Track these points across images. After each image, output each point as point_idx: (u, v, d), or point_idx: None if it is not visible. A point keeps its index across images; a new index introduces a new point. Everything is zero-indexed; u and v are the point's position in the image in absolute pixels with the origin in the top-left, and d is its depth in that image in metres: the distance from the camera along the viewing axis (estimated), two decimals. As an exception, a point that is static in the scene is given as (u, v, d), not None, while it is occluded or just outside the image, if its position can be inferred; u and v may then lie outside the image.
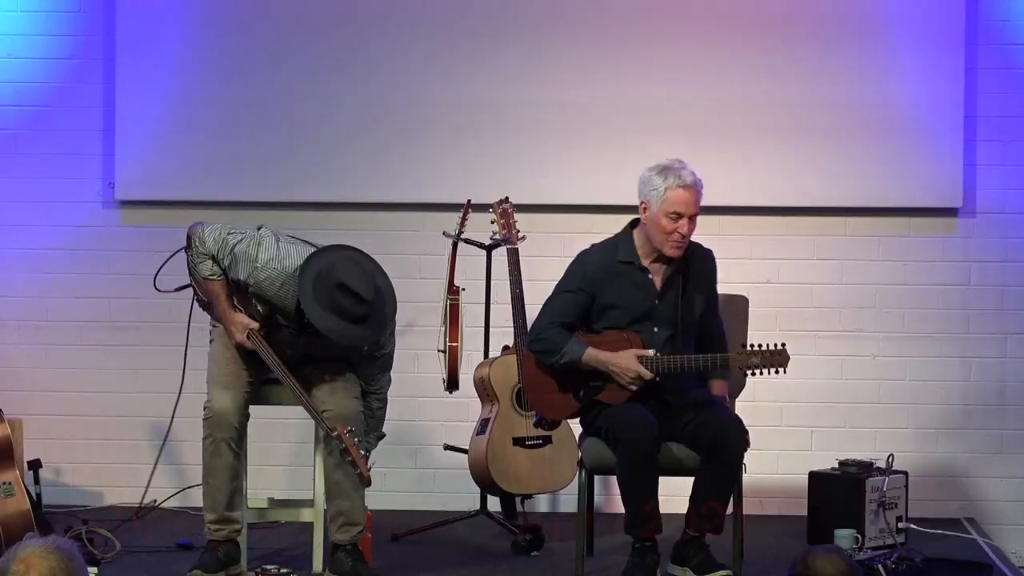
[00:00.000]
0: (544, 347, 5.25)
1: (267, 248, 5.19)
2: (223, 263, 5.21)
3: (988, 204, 6.67)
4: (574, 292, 5.27)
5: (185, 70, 6.67)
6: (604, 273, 5.26)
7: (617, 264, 5.27)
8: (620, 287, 5.25)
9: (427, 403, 6.65)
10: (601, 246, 5.35)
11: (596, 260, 5.30)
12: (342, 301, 5.04)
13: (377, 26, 6.63)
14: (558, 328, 5.25)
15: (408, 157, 6.64)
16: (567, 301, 5.28)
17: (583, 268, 5.30)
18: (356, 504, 5.28)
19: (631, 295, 5.25)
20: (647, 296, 5.24)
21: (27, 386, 6.72)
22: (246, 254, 5.17)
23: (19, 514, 5.44)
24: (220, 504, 5.25)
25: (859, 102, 6.58)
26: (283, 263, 5.17)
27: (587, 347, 5.19)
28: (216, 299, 5.27)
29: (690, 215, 5.15)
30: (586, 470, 5.43)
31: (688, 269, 5.27)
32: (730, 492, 5.27)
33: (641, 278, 5.26)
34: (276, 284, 5.17)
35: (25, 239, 6.77)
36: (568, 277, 5.33)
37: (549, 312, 5.30)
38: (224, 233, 5.21)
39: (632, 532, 5.22)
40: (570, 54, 6.60)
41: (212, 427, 5.22)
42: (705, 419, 5.18)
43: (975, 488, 6.66)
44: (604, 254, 5.31)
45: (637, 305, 5.24)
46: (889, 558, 5.41)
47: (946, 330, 6.68)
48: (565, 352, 5.20)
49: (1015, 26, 6.64)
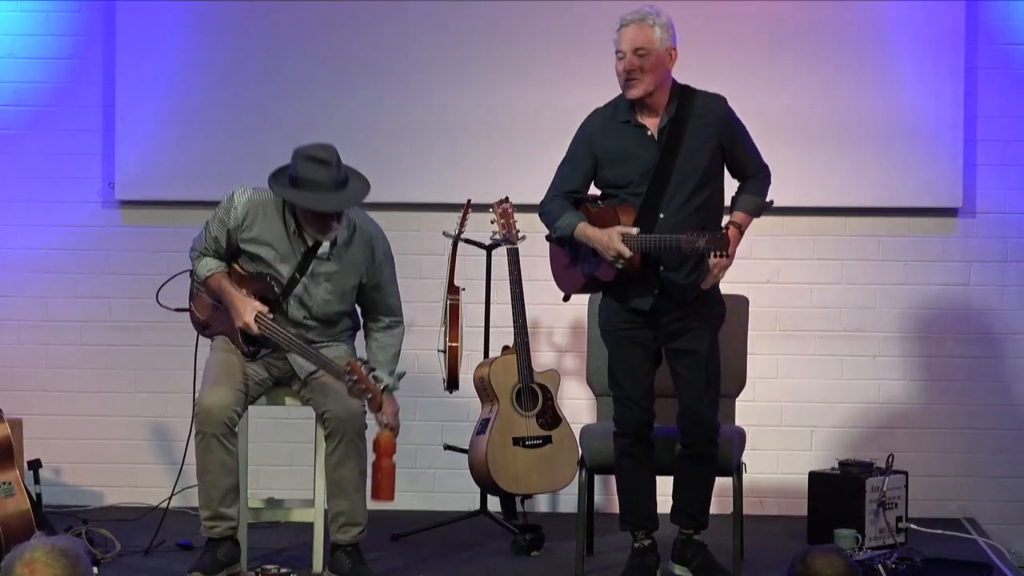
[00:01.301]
0: (547, 220, 5.27)
1: (240, 192, 5.32)
2: (214, 230, 5.28)
3: (988, 204, 6.67)
4: (575, 159, 5.25)
5: (185, 70, 6.67)
6: (602, 135, 5.21)
7: (616, 124, 5.20)
8: (620, 145, 5.18)
9: (427, 403, 6.65)
10: (603, 108, 5.29)
11: (595, 123, 5.26)
12: (309, 172, 5.09)
13: (377, 27, 6.63)
14: (561, 200, 5.23)
15: (408, 157, 6.64)
16: (570, 170, 5.26)
17: (584, 132, 5.27)
18: (356, 504, 5.28)
19: (631, 153, 5.16)
20: (647, 151, 5.14)
21: (27, 386, 6.72)
22: (225, 207, 5.29)
23: (19, 514, 5.44)
24: (214, 500, 5.25)
25: (859, 102, 6.58)
26: (257, 193, 5.31)
27: (579, 223, 5.15)
28: (222, 292, 5.28)
29: (632, 51, 5.09)
30: (586, 470, 5.44)
31: (688, 118, 5.15)
32: (708, 488, 5.29)
33: (638, 134, 5.16)
34: (256, 214, 5.25)
35: (25, 239, 6.77)
36: (572, 144, 5.30)
37: (555, 183, 5.29)
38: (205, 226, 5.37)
39: (627, 528, 5.24)
40: (570, 55, 6.60)
41: (201, 423, 5.22)
42: (683, 406, 5.20)
43: (975, 488, 6.66)
44: (603, 115, 5.26)
45: (639, 161, 5.14)
46: (889, 558, 5.41)
47: (946, 330, 6.68)
48: (559, 226, 5.20)
49: (1015, 26, 6.64)
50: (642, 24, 5.12)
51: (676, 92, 5.19)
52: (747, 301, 5.84)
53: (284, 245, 5.27)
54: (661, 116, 5.16)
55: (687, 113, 5.14)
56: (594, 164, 5.22)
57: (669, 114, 5.15)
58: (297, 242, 5.26)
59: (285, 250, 5.27)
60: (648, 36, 5.11)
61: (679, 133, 5.12)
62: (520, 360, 6.03)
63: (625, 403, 5.21)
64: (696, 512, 5.31)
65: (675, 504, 5.33)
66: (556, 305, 5.57)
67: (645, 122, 5.16)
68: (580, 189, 5.26)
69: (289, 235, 5.26)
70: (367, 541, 5.40)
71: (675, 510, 5.33)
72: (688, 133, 5.12)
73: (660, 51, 5.12)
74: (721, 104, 5.22)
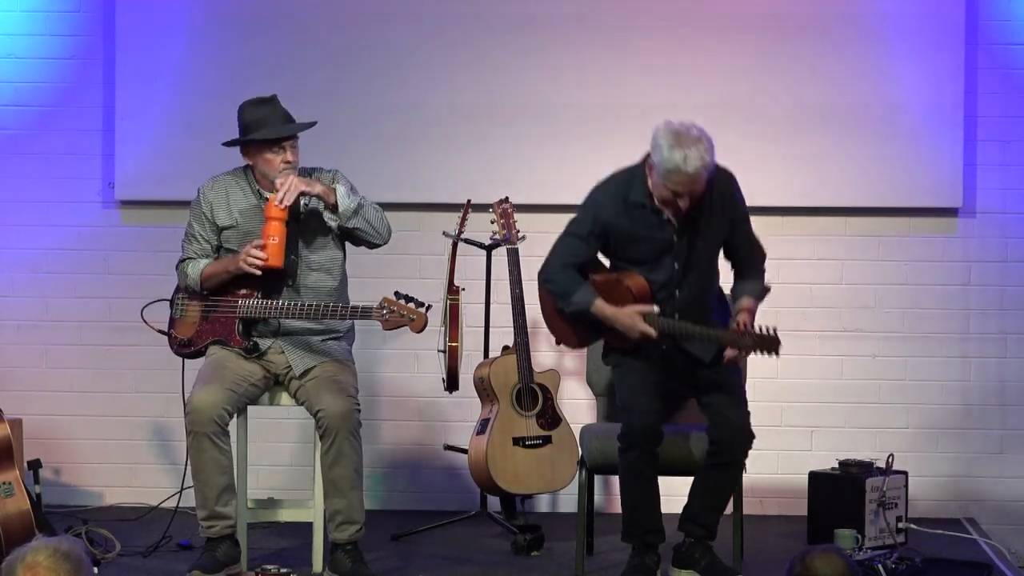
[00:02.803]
0: (555, 289, 5.25)
1: (204, 185, 5.48)
2: (195, 229, 5.42)
3: (988, 204, 6.67)
4: (584, 239, 5.21)
5: (185, 70, 6.67)
6: (616, 217, 5.16)
7: (630, 206, 5.15)
8: (635, 229, 5.15)
9: (427, 403, 6.65)
10: (614, 184, 5.20)
11: (608, 203, 5.17)
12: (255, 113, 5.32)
13: (377, 28, 6.63)
14: (571, 271, 5.22)
15: (408, 157, 6.64)
16: (579, 247, 5.22)
17: (595, 212, 5.19)
18: (353, 502, 5.27)
19: (647, 236, 5.14)
20: (664, 235, 5.13)
21: (27, 386, 6.72)
22: (195, 202, 5.46)
23: (19, 514, 5.43)
24: (210, 500, 5.25)
25: (859, 102, 6.58)
26: (215, 178, 5.47)
27: (595, 299, 5.15)
28: (222, 269, 5.35)
29: (690, 192, 5.02)
30: (586, 470, 5.44)
31: (705, 199, 5.11)
32: (727, 499, 5.27)
33: (655, 220, 5.13)
34: (223, 191, 5.41)
35: (25, 239, 6.77)
36: (581, 218, 5.24)
37: (561, 253, 5.25)
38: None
39: (629, 540, 5.22)
40: (570, 55, 6.60)
41: (191, 423, 5.23)
42: (715, 416, 5.18)
43: (975, 488, 6.66)
44: (616, 196, 5.17)
45: (655, 244, 5.14)
46: (889, 558, 5.41)
47: (946, 330, 6.68)
48: (574, 301, 5.19)
49: (1015, 26, 6.64)
50: (701, 176, 4.98)
51: None
52: (747, 301, 5.83)
53: (256, 213, 5.36)
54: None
55: (704, 200, 5.10)
56: (605, 242, 5.22)
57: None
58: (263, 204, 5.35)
59: (258, 217, 5.34)
60: (703, 180, 5.03)
61: (697, 217, 5.12)
62: (520, 360, 6.03)
63: (630, 414, 5.18)
64: (713, 524, 5.27)
65: (690, 512, 5.26)
66: (556, 305, 5.57)
67: (660, 206, 5.11)
68: (587, 264, 5.27)
69: (257, 198, 5.37)
70: (367, 541, 5.40)
71: (688, 518, 5.26)
72: (704, 216, 5.13)
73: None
74: (732, 183, 5.20)
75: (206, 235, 5.41)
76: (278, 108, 5.38)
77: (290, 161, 5.32)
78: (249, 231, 5.35)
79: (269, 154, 5.33)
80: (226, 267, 5.34)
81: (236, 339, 5.33)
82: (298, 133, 5.37)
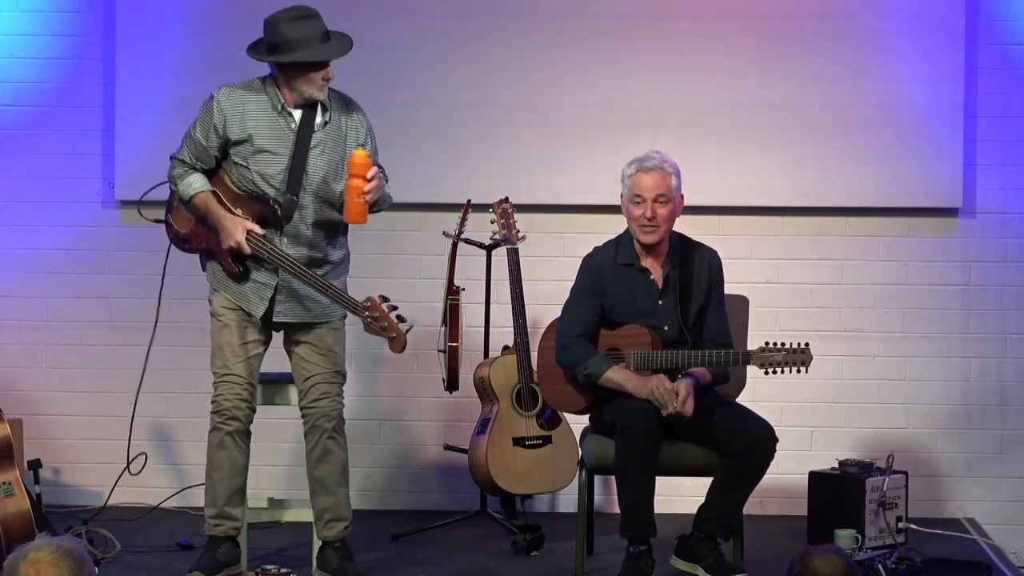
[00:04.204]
0: (568, 359, 5.33)
1: (219, 89, 5.30)
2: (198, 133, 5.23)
3: (988, 204, 6.67)
4: (583, 303, 5.36)
5: (185, 70, 6.66)
6: (605, 278, 5.35)
7: (617, 266, 5.34)
8: (622, 288, 5.33)
9: (427, 403, 6.65)
10: (603, 248, 5.43)
11: (597, 264, 5.39)
12: (296, 30, 5.14)
13: (376, 27, 6.63)
14: (584, 340, 5.32)
15: (408, 157, 6.63)
16: (580, 312, 5.37)
17: (588, 273, 5.39)
18: (340, 500, 5.27)
19: (633, 296, 5.31)
20: (649, 296, 5.30)
21: (27, 386, 6.72)
22: (206, 106, 5.26)
23: (19, 514, 5.43)
24: (220, 499, 5.25)
25: (859, 102, 6.58)
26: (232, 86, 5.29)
27: (609, 367, 5.24)
28: (209, 213, 5.20)
29: (653, 198, 5.21)
30: (586, 470, 5.44)
31: (688, 267, 5.31)
32: (747, 496, 5.28)
33: (641, 279, 5.32)
34: (240, 102, 5.22)
35: (25, 239, 6.77)
36: (577, 284, 5.42)
37: (568, 323, 5.38)
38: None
39: (627, 534, 5.22)
40: (570, 55, 6.60)
41: (220, 420, 5.20)
42: (735, 422, 5.21)
43: (975, 488, 6.66)
44: (604, 257, 5.39)
45: (640, 305, 5.30)
46: (889, 558, 5.41)
47: (946, 330, 6.68)
48: (589, 369, 5.27)
49: (1015, 26, 6.64)
50: (662, 171, 5.25)
51: (675, 240, 5.35)
52: (747, 301, 5.83)
53: (273, 128, 5.21)
54: (664, 263, 5.32)
55: (689, 264, 5.30)
56: (601, 302, 5.35)
57: (672, 262, 5.31)
58: (286, 120, 5.21)
59: (275, 133, 5.21)
60: (668, 184, 5.26)
61: (685, 285, 5.28)
62: (520, 360, 6.02)
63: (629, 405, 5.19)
64: (734, 525, 5.32)
65: (708, 511, 5.27)
66: (556, 305, 5.56)
67: (647, 266, 5.32)
68: (595, 328, 5.36)
69: (278, 113, 5.22)
70: (367, 541, 5.40)
71: (707, 518, 5.26)
72: (690, 284, 5.28)
73: (676, 199, 5.28)
74: (716, 260, 5.39)
75: (208, 145, 5.23)
76: (320, 24, 5.19)
77: (329, 78, 5.23)
78: (262, 147, 5.19)
79: (313, 73, 5.19)
80: (215, 217, 5.17)
81: (227, 261, 5.21)
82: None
